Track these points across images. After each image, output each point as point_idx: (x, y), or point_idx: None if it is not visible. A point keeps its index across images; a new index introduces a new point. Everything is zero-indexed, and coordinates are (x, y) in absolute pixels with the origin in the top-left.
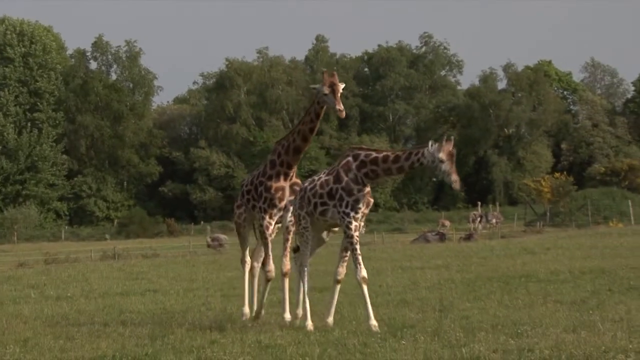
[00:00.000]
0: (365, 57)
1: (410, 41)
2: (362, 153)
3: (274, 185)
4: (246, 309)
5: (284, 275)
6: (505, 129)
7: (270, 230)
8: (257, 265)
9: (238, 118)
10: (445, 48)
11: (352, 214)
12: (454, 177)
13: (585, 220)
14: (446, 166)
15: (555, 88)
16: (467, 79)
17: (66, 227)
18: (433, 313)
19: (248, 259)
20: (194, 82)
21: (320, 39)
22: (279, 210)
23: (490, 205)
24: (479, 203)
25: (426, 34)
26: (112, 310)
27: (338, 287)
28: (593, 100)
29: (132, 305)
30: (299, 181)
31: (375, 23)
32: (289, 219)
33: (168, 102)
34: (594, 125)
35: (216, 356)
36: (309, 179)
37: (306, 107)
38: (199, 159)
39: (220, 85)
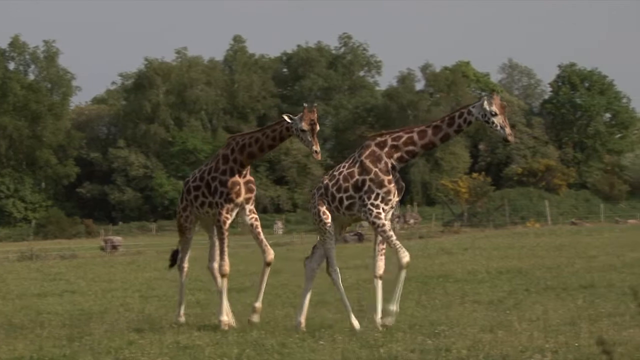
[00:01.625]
0: (284, 58)
1: (330, 42)
2: (389, 138)
3: (230, 179)
4: (181, 318)
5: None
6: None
7: (227, 225)
8: (217, 266)
9: (157, 118)
10: (364, 49)
11: (382, 206)
12: (509, 130)
13: (503, 220)
14: (499, 119)
15: (473, 89)
16: (385, 80)
17: None
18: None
19: (186, 264)
20: (113, 82)
21: (238, 39)
22: (236, 206)
23: (408, 206)
24: (397, 203)
25: (345, 35)
26: (30, 312)
27: (380, 282)
28: (510, 101)
29: (50, 307)
30: (252, 179)
31: (294, 23)
32: (248, 218)
33: (86, 102)
34: (512, 126)
35: (134, 357)
36: (328, 175)
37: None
38: (118, 159)
39: (139, 85)
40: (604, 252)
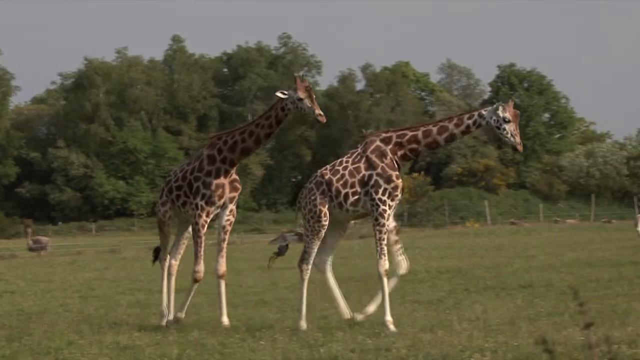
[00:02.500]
0: (224, 58)
1: (269, 42)
2: (393, 135)
3: (214, 182)
4: (172, 316)
5: (220, 277)
6: (364, 130)
7: (205, 229)
8: (175, 264)
9: (97, 118)
10: (304, 49)
11: (388, 202)
12: (519, 139)
13: (443, 220)
14: (511, 127)
15: (413, 89)
16: (326, 80)
17: None
18: (292, 313)
19: (168, 257)
20: (52, 82)
21: (176, 39)
22: (217, 208)
23: None
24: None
25: (285, 35)
26: None
27: (394, 281)
28: (450, 101)
29: None
30: (237, 177)
31: (234, 23)
32: (225, 218)
33: (26, 102)
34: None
35: (74, 357)
36: (330, 170)
37: (263, 112)
38: (57, 159)
39: (79, 85)
40: (543, 251)
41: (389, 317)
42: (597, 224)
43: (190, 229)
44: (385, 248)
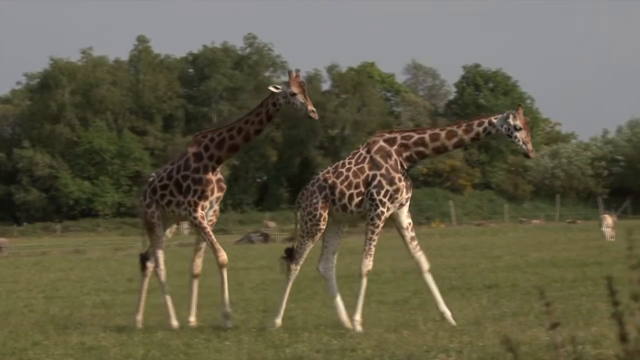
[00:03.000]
0: (190, 58)
1: (235, 42)
2: (398, 136)
3: (205, 177)
4: (174, 321)
5: (194, 277)
6: (330, 130)
7: (205, 221)
8: (151, 265)
9: (62, 118)
10: (269, 49)
11: (387, 204)
12: (530, 146)
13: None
14: (522, 134)
15: (379, 89)
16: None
17: None
18: (257, 314)
19: (158, 260)
20: (18, 82)
21: (142, 39)
22: (210, 203)
23: None
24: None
25: (251, 35)
26: None
27: (430, 277)
28: (415, 101)
29: None
30: (222, 177)
31: (200, 23)
32: (208, 219)
33: None
34: (417, 126)
35: (39, 358)
36: (333, 173)
37: (252, 108)
38: (23, 159)
39: (45, 85)
40: (509, 252)
41: (358, 317)
42: (562, 224)
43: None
44: (374, 250)
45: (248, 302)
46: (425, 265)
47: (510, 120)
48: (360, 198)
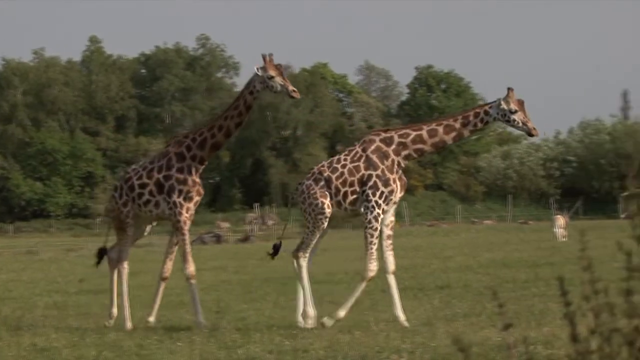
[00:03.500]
0: (142, 59)
1: (188, 43)
2: (395, 135)
3: (189, 178)
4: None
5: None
6: (283, 131)
7: (187, 226)
8: (126, 266)
9: (14, 119)
10: (222, 50)
11: (383, 205)
12: (531, 124)
13: (360, 221)
14: (520, 116)
15: (332, 90)
16: (244, 81)
17: None
18: (210, 314)
19: (126, 264)
20: None
21: (94, 40)
22: (194, 204)
23: (267, 207)
24: (256, 204)
25: (203, 36)
26: None
27: (393, 278)
28: (368, 102)
29: None
30: (199, 181)
31: (152, 24)
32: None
33: None
34: (369, 127)
35: None
36: (328, 168)
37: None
38: None
39: None
40: (461, 252)
41: (342, 314)
42: (514, 225)
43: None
44: (376, 253)
45: (200, 303)
46: (391, 266)
47: (504, 106)
48: (354, 197)
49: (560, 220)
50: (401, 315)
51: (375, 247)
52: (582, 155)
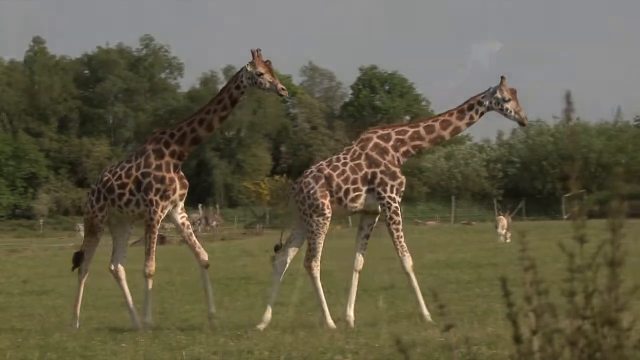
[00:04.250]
0: (85, 59)
1: (131, 43)
2: (392, 131)
3: (167, 175)
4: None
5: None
6: (226, 132)
7: (159, 225)
8: (123, 268)
9: None
10: (165, 51)
11: (397, 199)
12: (523, 114)
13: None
14: (512, 104)
15: None
16: (187, 82)
17: None
18: (154, 316)
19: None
20: None
21: (37, 40)
22: (171, 203)
23: (211, 208)
24: (200, 205)
25: (147, 37)
26: None
27: (357, 276)
28: (312, 103)
29: None
30: (183, 174)
31: (95, 24)
32: (180, 216)
33: None
34: (313, 128)
35: None
36: (328, 166)
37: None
38: None
39: None
40: None
41: (425, 311)
42: (457, 226)
43: (130, 230)
44: (405, 245)
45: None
46: (360, 265)
47: (498, 94)
48: (356, 194)
49: (503, 220)
50: (351, 316)
51: (403, 240)
52: (525, 156)
